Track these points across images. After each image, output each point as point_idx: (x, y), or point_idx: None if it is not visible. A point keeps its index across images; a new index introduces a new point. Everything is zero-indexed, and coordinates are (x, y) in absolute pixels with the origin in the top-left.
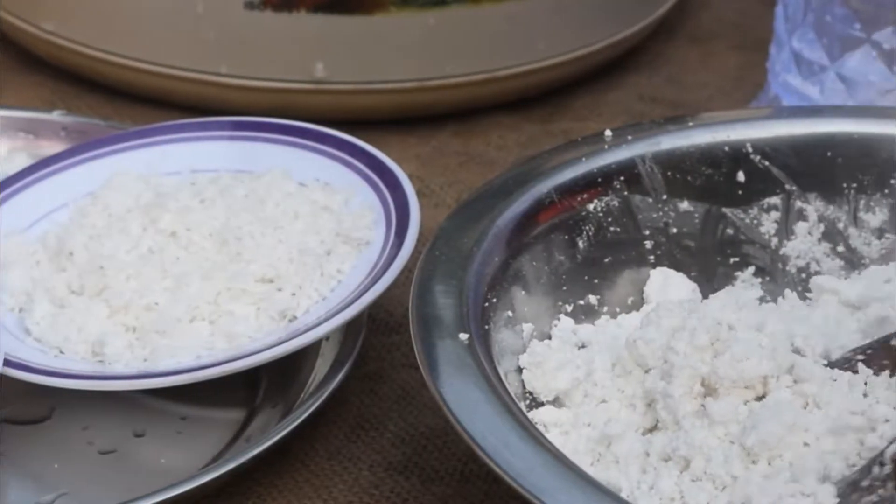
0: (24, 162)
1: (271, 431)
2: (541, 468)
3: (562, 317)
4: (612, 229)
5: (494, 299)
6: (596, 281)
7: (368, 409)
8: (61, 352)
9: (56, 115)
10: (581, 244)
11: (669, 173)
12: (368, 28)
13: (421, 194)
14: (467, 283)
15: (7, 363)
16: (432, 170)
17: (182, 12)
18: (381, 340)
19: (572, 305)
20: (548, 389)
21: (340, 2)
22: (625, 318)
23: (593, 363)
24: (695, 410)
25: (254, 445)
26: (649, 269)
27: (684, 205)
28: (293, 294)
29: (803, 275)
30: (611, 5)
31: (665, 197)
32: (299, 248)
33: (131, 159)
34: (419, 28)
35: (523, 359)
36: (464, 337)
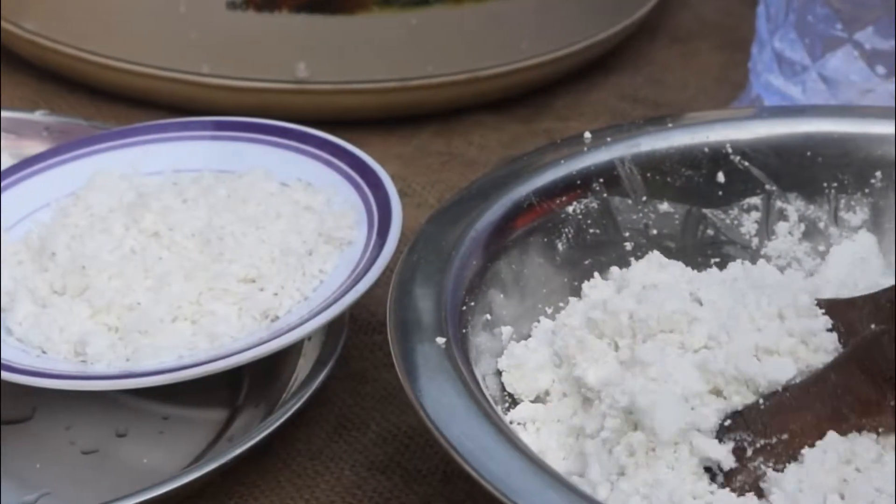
0: (6, 162)
1: (253, 431)
2: (517, 472)
3: (542, 318)
4: (592, 231)
5: (472, 303)
6: (576, 283)
7: (350, 409)
8: (43, 352)
9: (38, 115)
10: (560, 246)
11: (649, 175)
12: (350, 28)
13: (403, 194)
14: (445, 286)
15: None
16: (414, 170)
17: (165, 12)
18: (363, 340)
19: (552, 308)
20: (528, 391)
21: (322, 2)
22: None
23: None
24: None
25: (236, 445)
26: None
27: (664, 206)
28: (275, 294)
29: None
30: (593, 5)
31: (645, 198)
32: (281, 248)
33: (114, 159)
34: (401, 28)
35: (502, 361)
36: (441, 341)
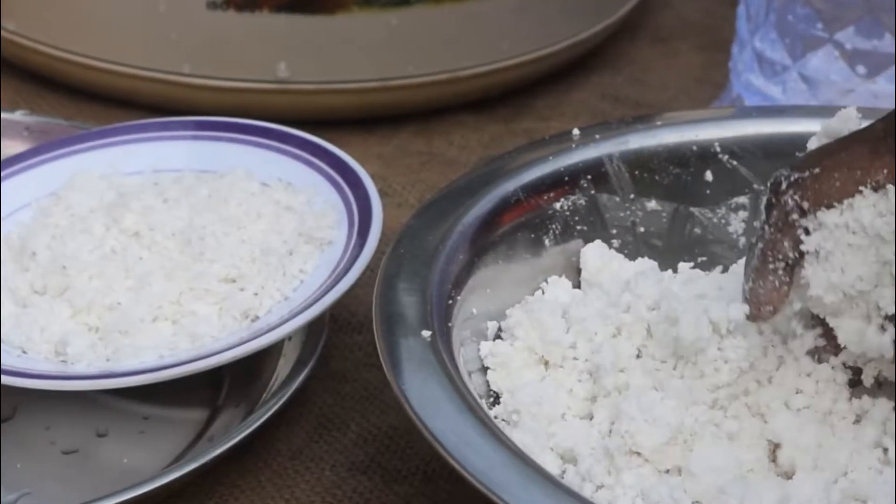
0: None
1: (234, 431)
2: (501, 465)
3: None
4: (579, 228)
5: (458, 297)
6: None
7: (331, 409)
8: (24, 351)
9: (19, 115)
10: (547, 243)
11: (637, 172)
12: (331, 28)
13: (383, 194)
14: (431, 280)
15: None
16: (395, 169)
17: (145, 12)
18: (343, 340)
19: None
20: (512, 388)
21: (303, 2)
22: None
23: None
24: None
25: (216, 445)
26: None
27: (652, 204)
28: (256, 294)
29: None
30: (573, 5)
31: (632, 196)
32: (262, 248)
33: (94, 159)
34: (381, 28)
35: (488, 358)
36: (426, 334)
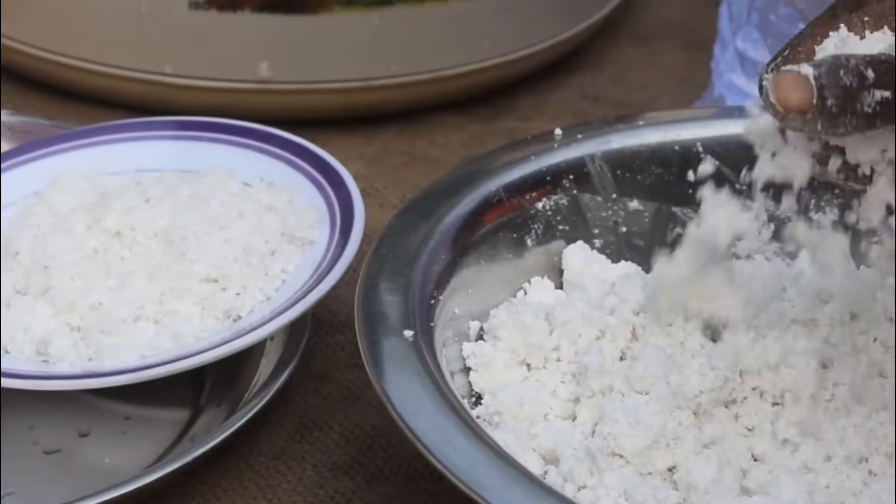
0: None
1: (215, 431)
2: (483, 465)
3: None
4: (561, 228)
5: (441, 297)
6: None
7: (313, 409)
8: (6, 351)
9: (1, 115)
10: (530, 243)
11: (619, 172)
12: (313, 28)
13: (365, 194)
14: (414, 280)
15: None
16: (377, 169)
17: (127, 12)
18: (325, 340)
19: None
20: (495, 388)
21: (285, 2)
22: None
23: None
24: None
25: (198, 445)
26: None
27: (634, 204)
28: (238, 294)
29: None
30: (555, 5)
31: (615, 196)
32: (244, 248)
33: (76, 159)
34: (363, 28)
35: (470, 359)
36: (408, 334)
